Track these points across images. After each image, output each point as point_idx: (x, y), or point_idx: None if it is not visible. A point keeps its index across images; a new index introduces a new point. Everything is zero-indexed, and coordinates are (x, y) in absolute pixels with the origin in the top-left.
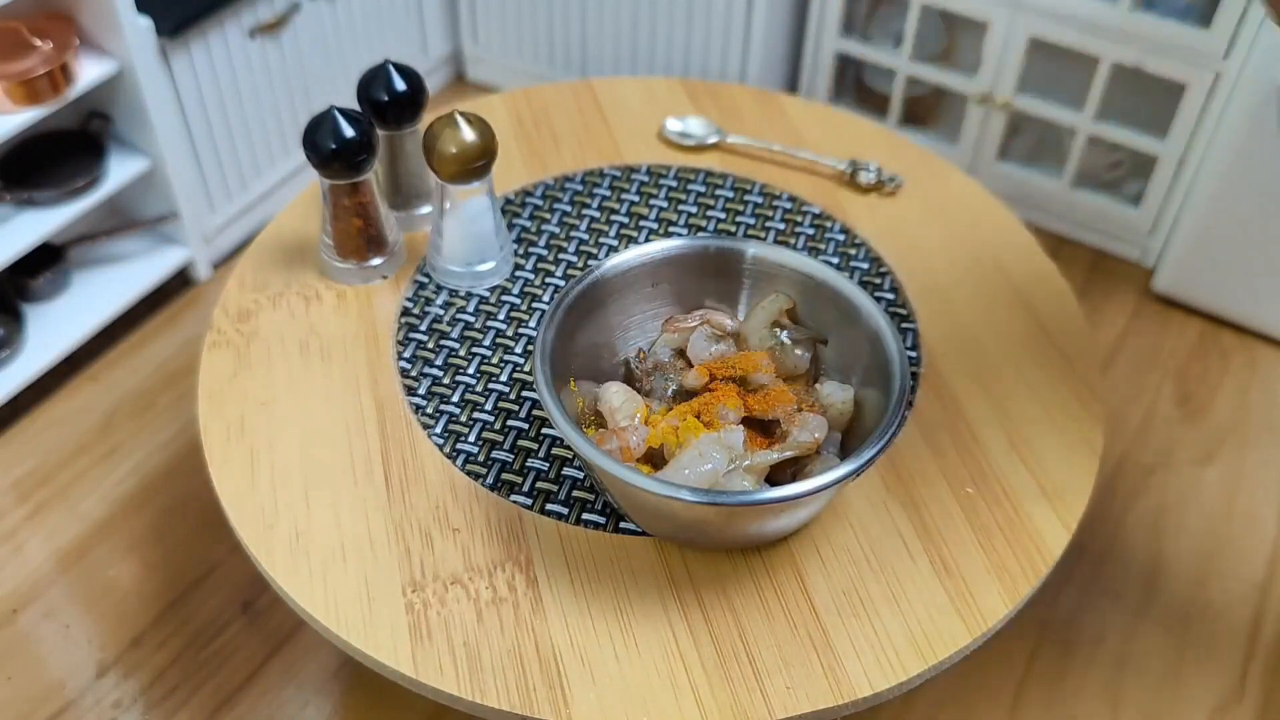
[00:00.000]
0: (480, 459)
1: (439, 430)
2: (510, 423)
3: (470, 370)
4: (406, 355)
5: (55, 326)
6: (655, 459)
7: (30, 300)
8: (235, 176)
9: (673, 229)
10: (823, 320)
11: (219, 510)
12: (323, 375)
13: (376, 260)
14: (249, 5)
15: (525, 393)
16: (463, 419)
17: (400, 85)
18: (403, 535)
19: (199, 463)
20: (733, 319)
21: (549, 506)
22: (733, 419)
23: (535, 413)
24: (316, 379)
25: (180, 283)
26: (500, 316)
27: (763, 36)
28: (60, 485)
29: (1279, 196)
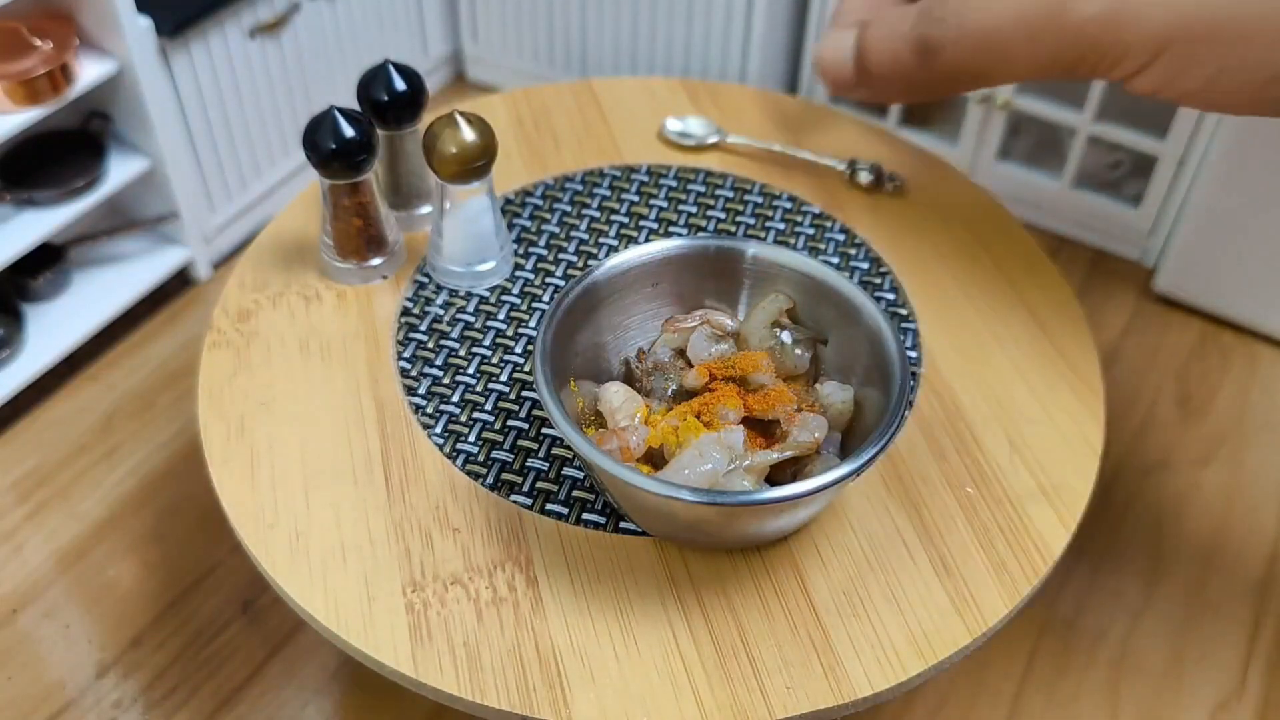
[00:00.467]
0: (480, 459)
1: (439, 430)
2: (510, 423)
3: (470, 370)
4: (406, 355)
5: (55, 326)
6: (655, 459)
7: (30, 300)
8: (235, 176)
9: (673, 229)
10: (823, 320)
11: (219, 510)
12: (323, 375)
13: (376, 260)
14: (249, 5)
15: (525, 393)
16: (463, 419)
17: (400, 85)
18: (403, 535)
19: (199, 463)
20: (733, 319)
21: (549, 506)
22: (733, 419)
23: (535, 413)
24: (316, 379)
25: (180, 283)
26: (500, 316)
27: (763, 36)
28: (60, 485)
29: (1279, 197)
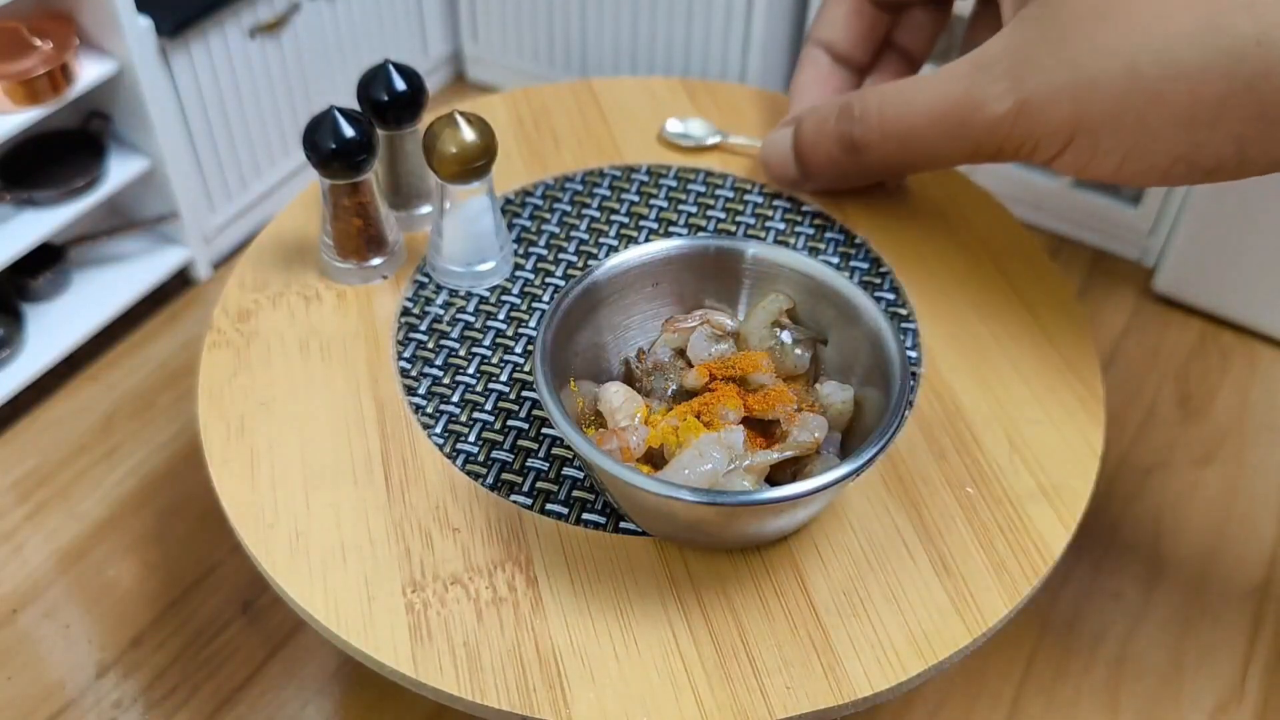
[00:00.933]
0: (480, 459)
1: (439, 430)
2: (510, 423)
3: (470, 370)
4: (406, 355)
5: (55, 326)
6: (655, 459)
7: (30, 300)
8: (235, 176)
9: (673, 229)
10: (823, 320)
11: (219, 510)
12: (323, 375)
13: (376, 260)
14: (249, 5)
15: (525, 393)
16: (463, 419)
17: (400, 85)
18: (403, 535)
19: (199, 463)
20: (733, 319)
21: (549, 506)
22: (733, 419)
23: (535, 413)
24: (316, 379)
25: (180, 283)
26: (500, 316)
27: (763, 36)
28: (60, 485)
29: (1279, 196)
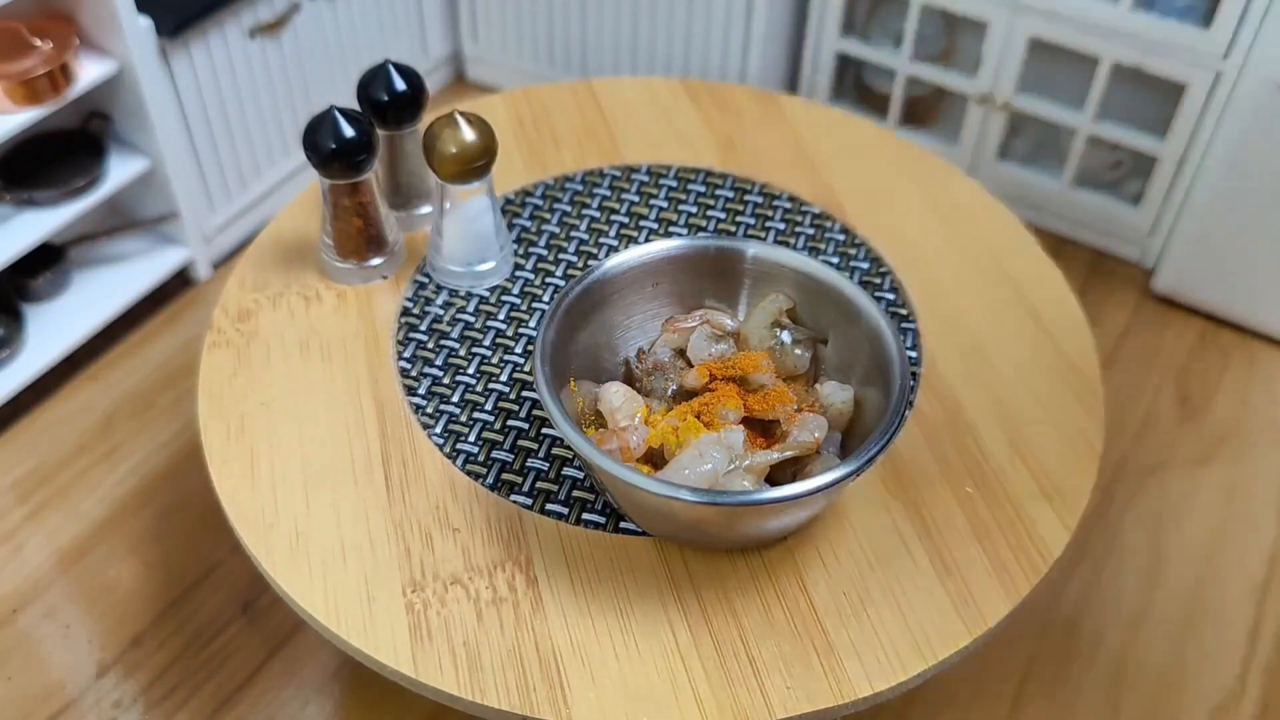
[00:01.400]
0: (480, 459)
1: (439, 430)
2: (510, 423)
3: (470, 370)
4: (406, 355)
5: (55, 326)
6: (655, 459)
7: (30, 300)
8: (235, 176)
9: (673, 229)
10: (823, 320)
11: (219, 510)
12: (323, 375)
13: (376, 260)
14: (249, 5)
15: (525, 393)
16: (463, 419)
17: (400, 85)
18: (403, 535)
19: (199, 463)
20: (733, 319)
21: (549, 506)
22: (733, 419)
23: (535, 413)
24: (316, 379)
25: (180, 283)
26: (500, 316)
27: (763, 36)
28: (60, 485)
29: (1279, 196)
